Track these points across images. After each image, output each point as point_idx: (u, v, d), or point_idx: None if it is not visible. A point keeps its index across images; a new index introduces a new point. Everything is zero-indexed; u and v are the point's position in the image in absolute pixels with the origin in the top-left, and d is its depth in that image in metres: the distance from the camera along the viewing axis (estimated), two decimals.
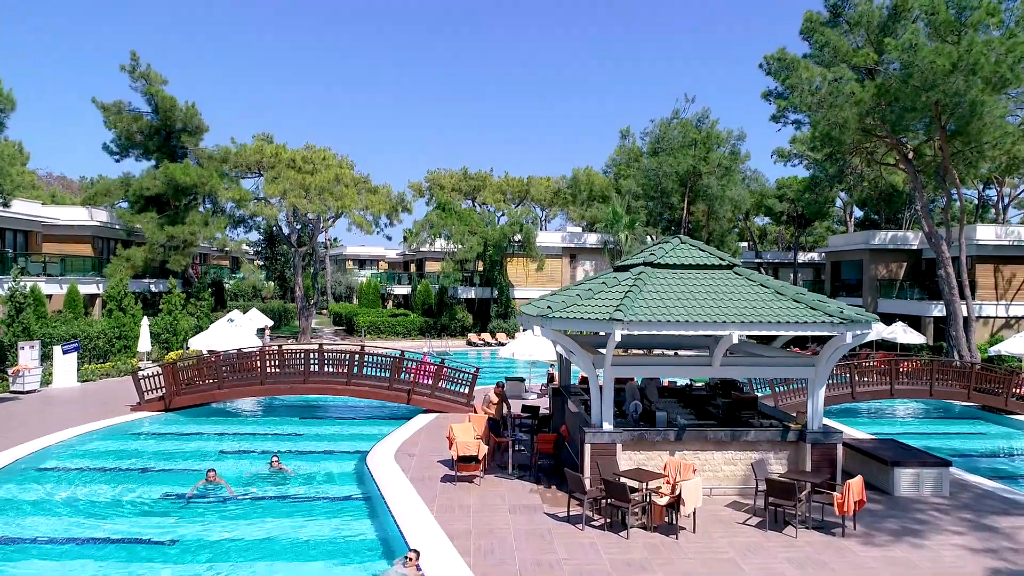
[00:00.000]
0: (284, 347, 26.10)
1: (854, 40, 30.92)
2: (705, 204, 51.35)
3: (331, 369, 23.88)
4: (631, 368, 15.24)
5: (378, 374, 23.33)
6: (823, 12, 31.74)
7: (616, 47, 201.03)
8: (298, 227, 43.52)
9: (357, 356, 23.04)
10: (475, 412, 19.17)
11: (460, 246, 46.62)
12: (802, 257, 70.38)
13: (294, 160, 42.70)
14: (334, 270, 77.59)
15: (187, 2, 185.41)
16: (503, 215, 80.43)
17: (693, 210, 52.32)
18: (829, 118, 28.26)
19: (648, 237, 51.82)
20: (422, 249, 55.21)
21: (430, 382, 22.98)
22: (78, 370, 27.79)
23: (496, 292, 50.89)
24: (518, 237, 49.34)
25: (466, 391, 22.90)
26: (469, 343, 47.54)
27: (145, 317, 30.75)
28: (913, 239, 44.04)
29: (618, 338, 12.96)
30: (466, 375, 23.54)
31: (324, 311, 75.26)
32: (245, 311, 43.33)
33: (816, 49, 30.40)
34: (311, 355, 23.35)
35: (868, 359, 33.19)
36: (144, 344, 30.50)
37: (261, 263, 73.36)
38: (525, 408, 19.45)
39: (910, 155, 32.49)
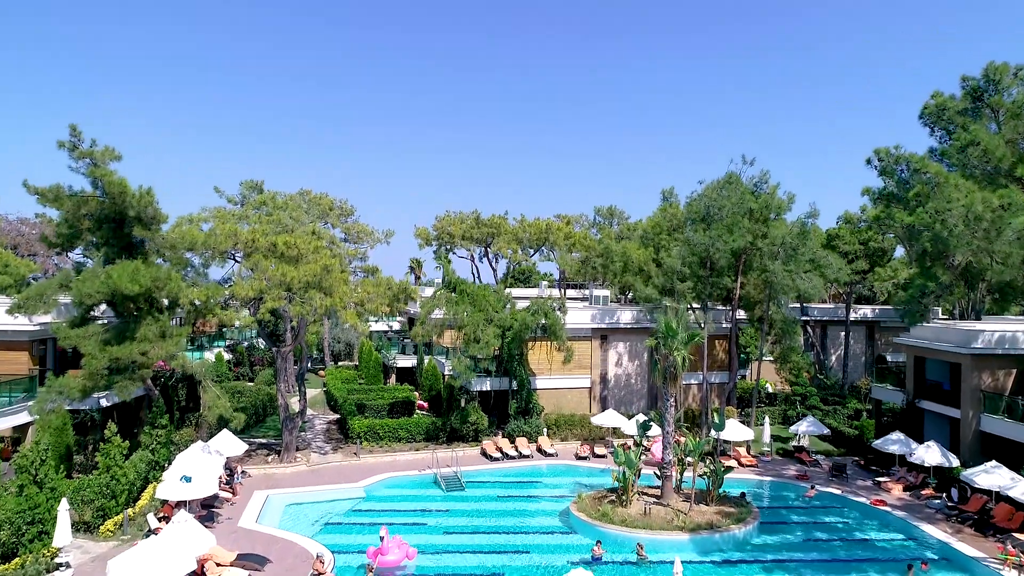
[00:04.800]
0: None
1: (1003, 131, 23.23)
2: (760, 280, 43.75)
3: None
4: None
5: None
6: (956, 95, 23.97)
7: (613, 53, 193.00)
8: (280, 327, 36.18)
9: None
10: None
11: (475, 343, 39.09)
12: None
13: (275, 246, 35.33)
14: (332, 324, 70.26)
15: (187, 11, 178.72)
16: (517, 266, 73.04)
17: (744, 282, 44.67)
18: (983, 248, 20.58)
19: (692, 315, 44.31)
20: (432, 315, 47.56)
21: None
22: None
23: (515, 384, 43.43)
24: (543, 321, 41.86)
25: None
26: (484, 453, 40.05)
27: (65, 500, 23.37)
28: None
29: None
30: None
31: (321, 371, 68.14)
32: (219, 425, 36.08)
33: (955, 149, 22.72)
34: None
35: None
36: (62, 535, 23.10)
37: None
38: None
39: None
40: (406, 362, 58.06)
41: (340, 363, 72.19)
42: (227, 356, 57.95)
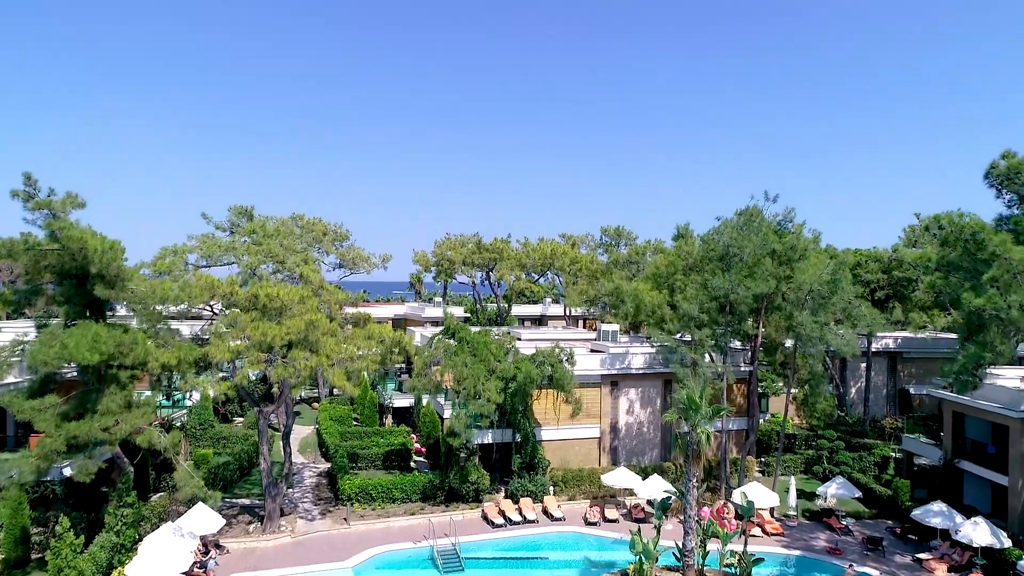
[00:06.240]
0: None
1: None
2: (783, 323, 40.65)
3: None
4: None
5: None
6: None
7: (613, 53, 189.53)
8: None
9: None
10: None
11: (475, 399, 35.91)
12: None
13: (256, 298, 32.21)
14: None
15: (187, 11, 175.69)
16: (521, 293, 69.53)
17: (765, 322, 41.41)
18: None
19: (708, 356, 41.14)
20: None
21: None
22: None
23: (518, 436, 40.28)
24: (549, 372, 38.61)
25: None
26: (485, 518, 36.86)
27: None
28: None
29: None
30: None
31: (315, 404, 65.00)
32: (191, 500, 32.87)
33: None
34: None
35: None
36: None
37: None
38: None
39: None
40: (403, 402, 54.86)
41: (336, 393, 69.02)
42: (213, 393, 54.75)
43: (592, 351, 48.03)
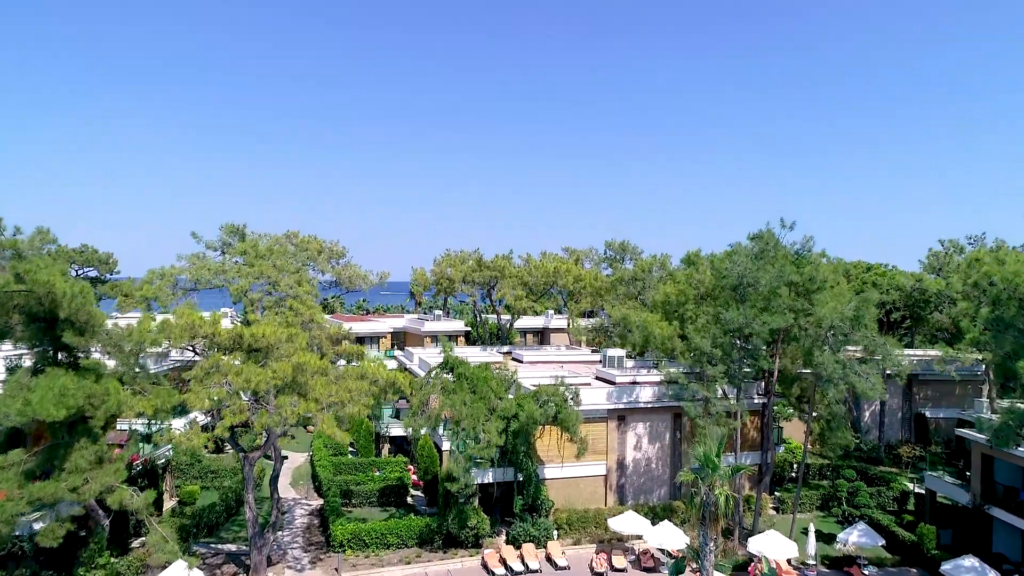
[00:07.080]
0: None
1: None
2: (800, 353, 38.64)
3: None
4: None
5: None
6: None
7: (613, 53, 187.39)
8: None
9: None
10: None
11: (475, 442, 33.84)
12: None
13: (240, 338, 30.10)
14: None
15: (187, 11, 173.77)
16: (523, 312, 67.32)
17: (780, 353, 39.24)
18: None
19: (720, 389, 38.94)
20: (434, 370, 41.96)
21: None
22: None
23: (520, 475, 38.17)
24: (553, 409, 36.46)
25: None
26: (485, 567, 34.75)
27: None
28: None
29: None
30: None
31: (310, 428, 62.87)
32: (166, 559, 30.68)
33: None
34: None
35: None
36: None
37: None
38: None
39: None
40: (400, 431, 52.68)
41: None
42: (202, 420, 52.72)
43: (598, 378, 46.02)
